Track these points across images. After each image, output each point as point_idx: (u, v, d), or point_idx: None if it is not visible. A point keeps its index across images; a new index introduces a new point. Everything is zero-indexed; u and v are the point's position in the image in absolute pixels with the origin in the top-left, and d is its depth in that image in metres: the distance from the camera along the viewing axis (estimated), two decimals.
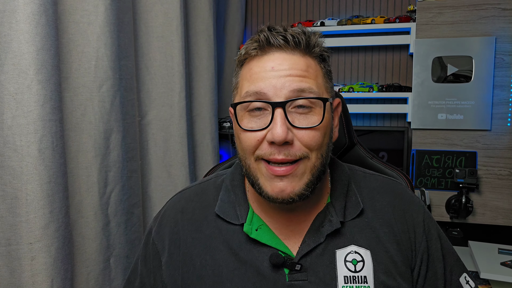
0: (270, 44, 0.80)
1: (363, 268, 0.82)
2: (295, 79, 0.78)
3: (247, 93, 0.80)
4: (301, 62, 0.80)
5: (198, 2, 2.01)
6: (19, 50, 1.08)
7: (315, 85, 0.80)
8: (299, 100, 0.77)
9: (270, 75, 0.78)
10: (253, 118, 0.80)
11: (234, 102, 0.84)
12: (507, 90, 2.02)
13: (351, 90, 2.41)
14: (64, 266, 1.17)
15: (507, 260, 1.87)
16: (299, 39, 0.80)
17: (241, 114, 0.81)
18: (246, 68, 0.84)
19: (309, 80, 0.79)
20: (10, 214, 1.10)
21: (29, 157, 1.09)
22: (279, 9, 2.68)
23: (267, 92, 0.77)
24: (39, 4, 1.10)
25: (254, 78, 0.80)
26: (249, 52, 0.82)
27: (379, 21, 2.35)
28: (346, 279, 0.81)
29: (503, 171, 2.05)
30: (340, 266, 0.82)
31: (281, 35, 0.80)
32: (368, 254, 0.83)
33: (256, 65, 0.81)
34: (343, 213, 0.86)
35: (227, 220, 0.87)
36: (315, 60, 0.83)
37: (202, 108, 2.05)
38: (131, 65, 1.56)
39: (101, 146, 1.39)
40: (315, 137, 0.78)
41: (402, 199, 0.91)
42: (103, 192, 1.40)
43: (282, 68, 0.78)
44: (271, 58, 0.80)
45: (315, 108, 0.79)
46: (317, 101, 0.79)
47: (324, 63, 0.85)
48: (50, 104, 1.13)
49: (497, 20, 2.01)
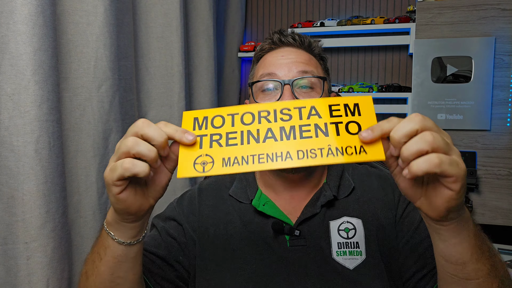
0: (281, 42, 1.02)
1: (355, 235, 0.93)
2: (300, 64, 0.97)
3: (262, 75, 0.98)
4: (304, 55, 1.01)
5: (198, 3, 2.01)
6: (17, 50, 1.08)
7: (316, 72, 0.98)
8: (303, 79, 0.95)
9: (280, 62, 0.98)
10: (266, 96, 0.97)
11: (251, 81, 1.02)
12: (507, 90, 2.02)
13: (351, 91, 2.41)
14: (60, 265, 1.18)
15: (507, 260, 1.87)
16: (304, 39, 1.02)
17: (256, 93, 0.99)
18: (261, 60, 1.04)
19: (312, 66, 0.99)
20: (6, 214, 1.11)
21: (25, 157, 1.10)
22: (279, 9, 2.68)
23: (277, 73, 0.96)
24: (36, 5, 1.10)
25: (267, 64, 1.00)
26: (263, 47, 1.04)
27: (379, 21, 2.35)
28: (339, 245, 0.91)
29: (503, 171, 2.04)
30: (334, 234, 0.93)
31: (290, 36, 1.02)
32: (360, 222, 0.94)
33: (269, 56, 1.02)
34: (337, 190, 0.98)
35: (239, 200, 1.01)
36: (316, 57, 1.03)
37: (202, 108, 2.05)
38: (130, 66, 1.56)
39: (100, 146, 1.39)
40: None
41: (387, 179, 1.03)
42: (101, 192, 1.40)
43: (290, 56, 0.99)
44: (281, 51, 1.01)
45: (316, 88, 0.97)
46: (318, 82, 0.97)
47: (322, 61, 1.05)
48: (47, 105, 1.14)
49: (497, 21, 2.01)
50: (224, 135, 0.65)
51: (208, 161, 0.64)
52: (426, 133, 0.56)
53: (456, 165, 0.56)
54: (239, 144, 0.64)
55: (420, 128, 0.57)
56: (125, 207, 0.67)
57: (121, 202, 0.66)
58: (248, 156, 0.63)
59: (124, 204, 0.66)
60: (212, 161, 0.64)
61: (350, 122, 0.64)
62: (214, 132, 0.66)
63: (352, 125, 0.63)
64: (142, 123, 0.63)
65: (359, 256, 0.90)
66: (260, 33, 2.74)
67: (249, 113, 0.67)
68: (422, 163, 0.55)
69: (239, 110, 0.68)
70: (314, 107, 0.66)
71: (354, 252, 0.91)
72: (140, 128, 0.63)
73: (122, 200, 0.66)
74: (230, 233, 0.96)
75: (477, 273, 0.66)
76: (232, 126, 0.66)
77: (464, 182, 0.58)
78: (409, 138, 0.57)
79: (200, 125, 0.67)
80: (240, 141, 0.65)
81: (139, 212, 0.69)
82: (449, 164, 0.56)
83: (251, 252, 0.93)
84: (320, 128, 0.64)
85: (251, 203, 0.98)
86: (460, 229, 0.64)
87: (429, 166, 0.54)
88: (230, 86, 2.62)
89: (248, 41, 2.72)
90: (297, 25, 2.52)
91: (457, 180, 0.57)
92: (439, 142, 0.56)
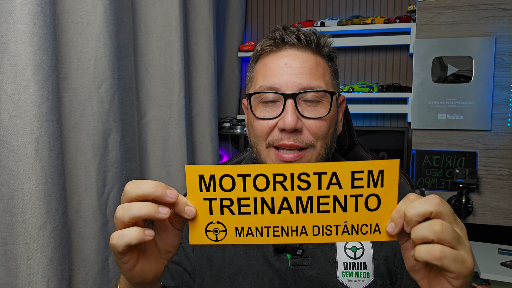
0: (284, 42, 0.89)
1: (362, 255, 0.86)
2: (306, 77, 0.86)
3: (262, 87, 0.88)
4: (311, 60, 0.88)
5: (198, 2, 2.01)
6: (16, 50, 1.08)
7: (323, 83, 0.88)
8: (308, 93, 0.85)
9: (283, 72, 0.86)
10: (266, 108, 0.88)
11: (250, 92, 0.91)
12: (507, 90, 2.02)
13: (351, 90, 2.41)
14: (60, 266, 1.17)
15: (507, 260, 1.86)
16: (311, 38, 0.89)
17: (255, 104, 0.90)
18: (261, 63, 0.92)
19: (318, 78, 0.87)
20: (7, 214, 1.10)
21: (25, 157, 1.09)
22: (279, 9, 2.68)
23: (279, 87, 0.86)
24: (36, 5, 1.10)
25: (268, 73, 0.88)
26: (264, 48, 0.91)
27: (379, 21, 2.35)
28: (345, 265, 0.85)
29: (503, 171, 2.04)
30: (340, 253, 0.87)
31: (295, 34, 0.88)
32: (369, 242, 0.87)
33: (271, 60, 0.89)
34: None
35: None
36: (324, 59, 0.92)
37: (202, 108, 2.05)
38: (130, 65, 1.56)
39: (100, 146, 1.39)
40: (322, 126, 0.86)
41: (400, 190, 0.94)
42: (101, 192, 1.40)
43: (294, 65, 0.87)
44: (285, 55, 0.88)
45: (323, 101, 0.87)
46: (325, 95, 0.87)
47: (331, 62, 0.94)
48: (47, 105, 1.14)
49: (497, 20, 2.00)
50: (236, 201, 0.61)
51: (220, 229, 0.62)
52: (436, 221, 0.53)
53: (460, 262, 0.53)
54: (252, 213, 0.61)
55: (434, 211, 0.54)
56: (142, 280, 0.63)
57: (136, 276, 0.62)
58: (263, 227, 0.61)
59: (140, 277, 0.63)
60: (225, 230, 0.62)
61: (370, 195, 0.60)
62: (225, 197, 0.61)
63: (372, 199, 0.60)
64: (130, 186, 0.58)
65: (366, 278, 0.84)
66: (260, 33, 2.74)
67: (263, 175, 0.60)
68: (424, 252, 0.53)
69: (251, 170, 0.61)
70: (336, 174, 0.60)
71: (361, 274, 0.85)
72: (129, 191, 0.58)
73: (136, 274, 0.62)
74: (229, 248, 0.91)
75: None
76: (243, 191, 0.61)
77: (467, 281, 0.55)
78: (422, 218, 0.54)
79: (208, 186, 0.61)
80: (253, 209, 0.61)
81: (156, 277, 0.65)
82: (453, 259, 0.52)
83: (250, 269, 0.88)
84: (339, 202, 0.60)
85: None
86: None
87: (429, 257, 0.52)
88: (230, 86, 2.62)
89: (248, 41, 2.72)
90: (297, 25, 2.52)
91: (458, 277, 0.54)
92: (447, 234, 0.53)
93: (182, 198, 0.60)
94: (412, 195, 0.58)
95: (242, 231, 0.61)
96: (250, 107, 0.90)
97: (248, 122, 0.94)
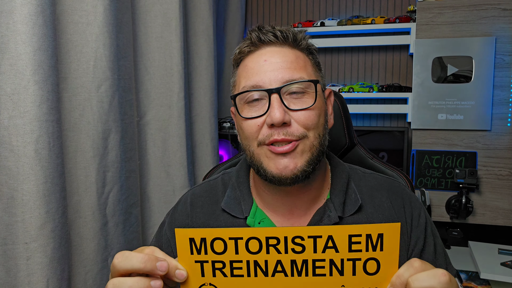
0: (261, 41, 0.88)
1: None
2: (287, 70, 0.85)
3: (245, 87, 0.87)
4: (290, 54, 0.88)
5: (198, 2, 2.01)
6: (16, 50, 1.08)
7: (306, 74, 0.87)
8: (291, 85, 0.84)
9: (264, 69, 0.86)
10: (252, 108, 0.86)
11: (233, 94, 0.91)
12: (507, 90, 2.02)
13: (351, 90, 2.41)
14: (60, 266, 1.17)
15: (507, 260, 1.86)
16: (287, 34, 0.88)
17: (241, 106, 0.89)
18: (242, 66, 0.91)
19: (300, 70, 0.87)
20: (6, 214, 1.10)
21: (25, 157, 1.09)
22: (279, 9, 2.68)
23: (262, 84, 0.85)
24: (36, 5, 1.10)
25: (250, 73, 0.87)
26: (242, 50, 0.91)
27: (379, 21, 2.35)
28: None
29: (503, 171, 2.04)
30: None
31: (271, 32, 0.88)
32: None
33: (250, 60, 0.89)
34: (342, 208, 0.89)
35: (232, 214, 0.92)
36: (303, 52, 0.91)
37: (202, 108, 2.05)
38: (129, 65, 1.56)
39: (100, 146, 1.39)
40: (311, 116, 0.85)
41: (401, 196, 0.95)
42: (101, 192, 1.40)
43: (274, 60, 0.86)
44: (263, 52, 0.88)
45: (308, 92, 0.86)
46: (309, 85, 0.86)
47: (312, 55, 0.93)
48: (47, 105, 1.14)
49: (497, 20, 2.00)
50: (228, 263, 0.60)
51: None
52: None
53: None
54: (245, 275, 0.60)
55: None
56: None
57: None
58: None
59: None
60: None
61: (369, 259, 0.58)
62: (216, 259, 0.60)
63: (371, 263, 0.58)
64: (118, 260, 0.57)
65: None
66: None
67: (255, 239, 0.59)
68: None
69: (242, 233, 0.59)
70: (332, 237, 0.58)
71: None
72: (117, 265, 0.57)
73: None
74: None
75: None
76: (236, 254, 0.59)
77: None
78: None
79: (198, 248, 0.60)
80: (246, 272, 0.60)
81: None
82: None
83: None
84: (335, 265, 0.59)
85: (245, 219, 0.91)
86: None
87: None
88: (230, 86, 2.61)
89: None
90: (297, 25, 2.52)
91: None
92: None
93: (172, 262, 0.59)
94: (416, 261, 0.57)
95: None
96: (236, 110, 0.89)
97: (237, 127, 0.93)
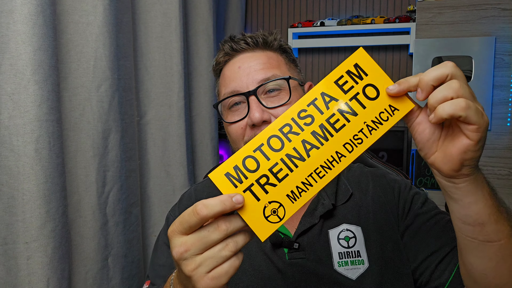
0: (234, 50, 0.96)
1: (355, 244, 0.90)
2: (260, 71, 0.92)
3: (225, 94, 0.95)
4: (262, 56, 0.95)
5: (198, 2, 2.01)
6: (16, 50, 1.08)
7: (279, 71, 0.94)
8: (266, 85, 0.91)
9: (238, 75, 0.93)
10: (234, 113, 0.94)
11: (214, 103, 1.00)
12: (507, 90, 2.02)
13: None
14: (60, 265, 1.18)
15: None
16: (257, 39, 0.96)
17: (224, 113, 0.97)
18: (221, 76, 0.99)
19: (272, 69, 0.93)
20: (7, 214, 1.11)
21: (25, 157, 1.10)
22: (279, 9, 2.68)
23: (239, 89, 0.92)
24: (36, 5, 1.10)
25: (227, 81, 0.95)
26: (219, 60, 0.99)
27: (379, 21, 2.35)
28: (340, 255, 0.88)
29: (503, 171, 2.04)
30: (334, 244, 0.90)
31: (242, 40, 0.96)
32: (359, 230, 0.91)
33: (227, 69, 0.97)
34: (335, 197, 0.95)
35: None
36: (276, 52, 0.98)
37: (202, 108, 2.05)
38: (130, 65, 1.56)
39: (100, 146, 1.39)
40: None
41: (384, 177, 1.01)
42: (101, 191, 1.40)
43: (247, 65, 0.94)
44: (237, 60, 0.96)
45: (284, 90, 0.92)
46: (284, 82, 0.92)
47: (285, 53, 1.00)
48: (47, 105, 1.14)
49: (497, 20, 2.01)
50: (269, 173, 0.60)
51: (276, 207, 0.60)
52: (454, 80, 0.56)
53: (481, 115, 0.55)
54: (289, 173, 0.60)
55: (450, 74, 0.56)
56: None
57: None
58: (307, 177, 0.60)
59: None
60: (280, 204, 0.60)
61: (364, 87, 0.62)
62: (258, 176, 0.60)
63: (368, 89, 0.62)
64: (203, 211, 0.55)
65: (361, 265, 0.87)
66: None
67: (273, 136, 0.61)
68: (448, 106, 0.54)
69: (260, 140, 0.61)
70: (324, 93, 0.62)
71: (356, 262, 0.88)
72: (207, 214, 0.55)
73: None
74: None
75: (497, 234, 0.63)
76: (268, 160, 0.61)
77: (484, 136, 0.57)
78: (438, 82, 0.57)
79: (238, 178, 0.60)
80: (288, 169, 0.60)
81: None
82: (475, 111, 0.54)
83: (249, 262, 0.90)
84: (345, 111, 0.61)
85: None
86: (475, 189, 0.61)
87: (455, 108, 0.54)
88: None
89: None
90: (297, 24, 2.52)
91: (479, 130, 0.55)
92: (465, 90, 0.55)
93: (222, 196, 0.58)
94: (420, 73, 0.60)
95: (294, 194, 0.60)
96: (220, 116, 0.98)
97: (226, 133, 0.99)
